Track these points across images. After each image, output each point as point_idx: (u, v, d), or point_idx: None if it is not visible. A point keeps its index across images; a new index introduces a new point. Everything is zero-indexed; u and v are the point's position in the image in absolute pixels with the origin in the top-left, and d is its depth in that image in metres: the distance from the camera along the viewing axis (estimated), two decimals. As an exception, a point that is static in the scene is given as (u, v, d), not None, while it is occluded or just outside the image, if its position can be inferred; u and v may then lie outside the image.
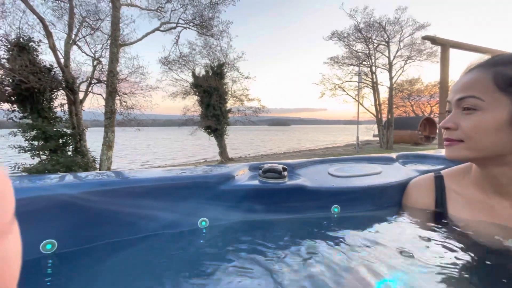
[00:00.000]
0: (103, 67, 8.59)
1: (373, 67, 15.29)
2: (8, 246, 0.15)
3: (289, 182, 0.76)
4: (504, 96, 0.52)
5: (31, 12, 6.66)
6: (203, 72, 12.21)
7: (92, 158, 7.25)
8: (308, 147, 19.94)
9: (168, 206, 0.65)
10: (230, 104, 13.14)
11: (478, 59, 0.59)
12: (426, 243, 0.57)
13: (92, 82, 8.29)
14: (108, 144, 6.96)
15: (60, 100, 7.07)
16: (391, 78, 14.76)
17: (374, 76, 15.38)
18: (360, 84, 14.48)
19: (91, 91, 8.41)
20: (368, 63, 15.34)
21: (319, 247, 0.56)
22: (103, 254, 0.56)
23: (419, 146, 15.44)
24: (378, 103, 15.57)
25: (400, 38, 14.40)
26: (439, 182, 0.72)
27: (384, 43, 14.50)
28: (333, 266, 0.48)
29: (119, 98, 8.30)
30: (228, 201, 0.70)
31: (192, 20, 9.64)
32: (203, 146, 19.41)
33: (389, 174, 0.89)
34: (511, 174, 0.57)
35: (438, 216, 0.69)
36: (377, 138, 17.30)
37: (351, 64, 15.99)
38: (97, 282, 0.48)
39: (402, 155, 1.13)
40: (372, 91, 15.85)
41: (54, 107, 6.85)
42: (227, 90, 12.67)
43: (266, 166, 0.78)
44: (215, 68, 12.11)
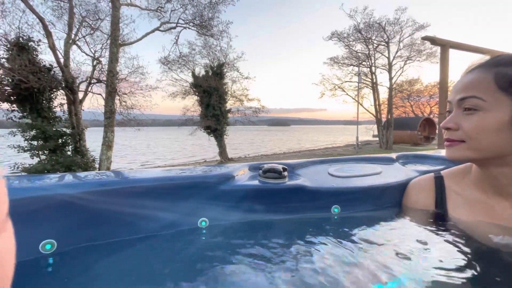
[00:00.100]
0: (103, 67, 8.59)
1: (372, 68, 15.31)
2: (1, 245, 0.15)
3: (289, 182, 0.76)
4: (505, 96, 0.52)
5: (30, 12, 6.66)
6: (203, 72, 12.22)
7: (92, 158, 7.25)
8: (308, 147, 19.95)
9: (167, 206, 0.65)
10: (230, 104, 13.15)
11: (479, 59, 0.59)
12: (426, 243, 0.56)
13: (92, 82, 8.29)
14: (107, 144, 6.96)
15: (59, 100, 7.07)
16: (390, 79, 14.78)
17: (374, 77, 15.39)
18: (359, 84, 14.49)
19: (91, 91, 8.42)
20: (368, 63, 15.35)
21: (319, 247, 0.56)
22: (102, 254, 0.56)
23: (418, 146, 15.45)
24: (377, 103, 15.59)
25: (399, 39, 14.44)
26: (439, 183, 0.72)
27: (383, 43, 14.52)
28: (333, 266, 0.48)
29: (118, 98, 8.30)
30: (228, 201, 0.70)
31: (192, 20, 9.64)
32: (203, 146, 19.40)
33: (389, 175, 0.89)
34: (511, 175, 0.57)
35: (438, 216, 0.68)
36: (376, 139, 17.32)
37: (351, 65, 16.01)
38: (96, 282, 0.48)
39: (402, 156, 1.13)
40: (371, 91, 15.88)
41: (53, 106, 6.84)
42: (226, 90, 12.68)
43: (266, 166, 0.78)
44: (215, 68, 12.11)
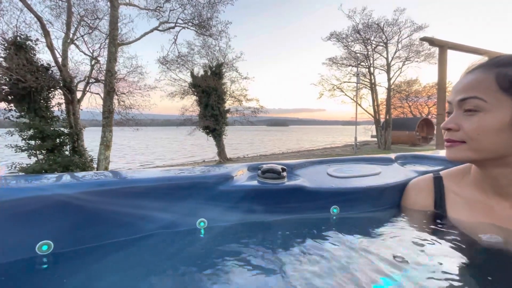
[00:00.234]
0: (101, 66, 8.57)
1: (371, 68, 15.37)
2: None
3: (288, 183, 0.76)
4: (506, 97, 0.51)
5: (28, 11, 6.63)
6: (201, 72, 12.21)
7: (90, 158, 7.23)
8: (307, 148, 19.99)
9: (166, 207, 0.64)
10: (229, 104, 13.16)
11: (478, 60, 0.58)
12: (425, 244, 0.56)
13: (90, 81, 8.26)
14: (105, 144, 6.93)
15: (57, 99, 7.06)
16: (389, 79, 14.84)
17: (372, 77, 15.45)
18: (358, 85, 14.56)
19: (89, 90, 8.39)
20: (367, 64, 15.41)
21: (318, 247, 0.56)
22: (100, 255, 0.56)
23: (416, 147, 15.51)
24: (376, 104, 15.64)
25: (398, 39, 14.51)
26: (438, 183, 0.71)
27: (382, 44, 14.58)
28: (331, 267, 0.48)
29: (117, 97, 8.28)
30: (227, 201, 0.69)
31: (191, 20, 9.64)
32: (201, 146, 19.38)
33: (388, 175, 0.88)
34: (511, 175, 0.57)
35: (437, 217, 0.68)
36: (375, 139, 17.37)
37: (350, 65, 16.07)
38: (94, 283, 0.47)
39: (400, 156, 1.13)
40: (370, 92, 15.93)
41: (51, 106, 6.82)
42: (225, 90, 12.68)
43: (265, 167, 0.78)
44: (214, 68, 12.11)
